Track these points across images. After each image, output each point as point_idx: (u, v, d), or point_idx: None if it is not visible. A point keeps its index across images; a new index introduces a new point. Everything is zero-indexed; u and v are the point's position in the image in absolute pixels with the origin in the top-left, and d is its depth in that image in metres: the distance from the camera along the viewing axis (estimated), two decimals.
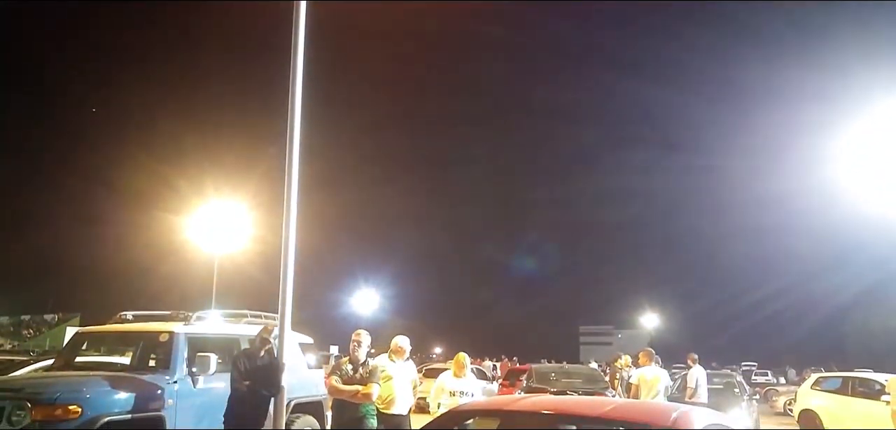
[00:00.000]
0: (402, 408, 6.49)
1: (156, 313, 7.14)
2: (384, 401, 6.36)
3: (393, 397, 6.43)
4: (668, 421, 2.94)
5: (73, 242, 35.03)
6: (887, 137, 17.31)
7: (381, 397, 6.30)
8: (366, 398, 5.81)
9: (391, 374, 6.45)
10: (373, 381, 5.88)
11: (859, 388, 13.20)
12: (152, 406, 5.86)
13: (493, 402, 3.44)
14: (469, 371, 7.10)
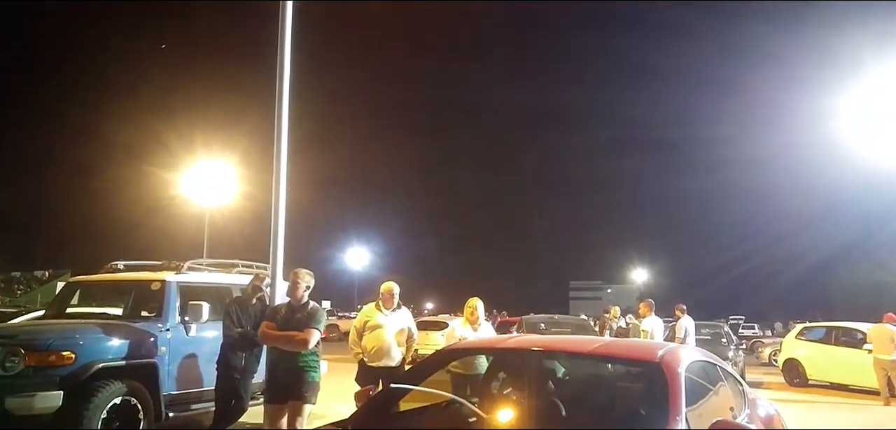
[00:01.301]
0: (390, 360, 5.83)
1: (147, 263, 7.14)
2: (370, 353, 5.83)
3: (380, 347, 5.81)
4: (656, 356, 2.98)
5: (61, 196, 34.78)
6: (874, 95, 17.35)
7: (367, 348, 5.84)
8: (302, 345, 4.82)
9: (380, 322, 5.90)
10: (313, 325, 4.88)
11: (842, 337, 13.49)
12: (145, 353, 5.89)
13: (484, 341, 3.49)
14: (483, 319, 6.22)
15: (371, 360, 5.85)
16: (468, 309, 6.13)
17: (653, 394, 2.90)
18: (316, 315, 4.95)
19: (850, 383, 12.90)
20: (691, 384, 2.90)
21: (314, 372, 4.90)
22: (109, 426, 5.48)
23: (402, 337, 6.01)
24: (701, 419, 2.72)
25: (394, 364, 5.83)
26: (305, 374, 4.83)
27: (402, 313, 6.14)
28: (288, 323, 4.90)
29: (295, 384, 4.77)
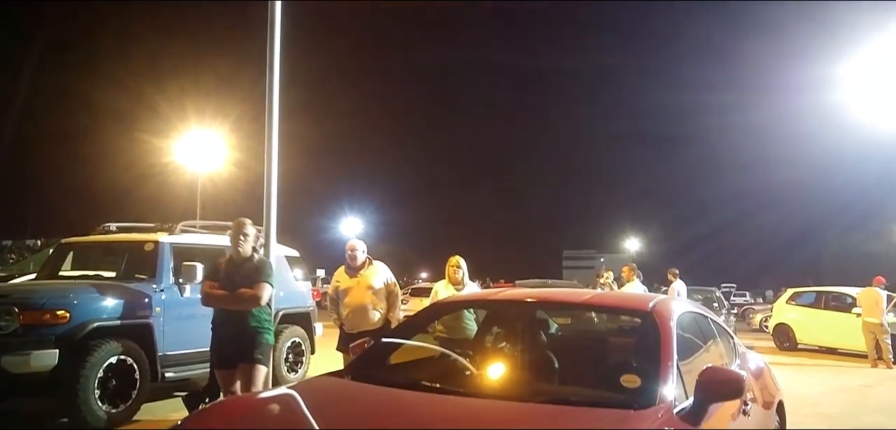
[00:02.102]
0: (368, 323, 5.29)
1: (140, 225, 7.13)
2: (346, 319, 5.46)
3: (353, 310, 5.39)
4: (647, 306, 3.01)
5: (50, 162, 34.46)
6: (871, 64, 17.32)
7: (342, 314, 5.50)
8: (253, 302, 4.29)
9: (349, 284, 5.47)
10: (262, 279, 4.34)
11: (832, 302, 13.66)
12: (140, 314, 5.90)
13: (477, 294, 3.51)
14: (468, 279, 5.72)
15: (348, 326, 5.44)
16: (450, 268, 5.65)
17: (644, 344, 2.93)
18: (264, 268, 4.42)
19: (839, 346, 13.10)
20: (683, 335, 2.92)
21: (267, 333, 4.44)
22: (106, 386, 5.51)
23: (379, 296, 5.45)
24: (692, 368, 2.75)
25: (373, 328, 5.23)
26: (258, 335, 4.37)
27: (374, 269, 5.57)
28: (232, 280, 4.36)
29: (246, 347, 4.32)
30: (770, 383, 3.98)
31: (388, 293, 5.53)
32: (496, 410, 2.54)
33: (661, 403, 2.40)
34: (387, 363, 3.19)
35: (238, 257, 4.44)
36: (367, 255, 5.62)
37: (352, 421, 2.41)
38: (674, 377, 2.55)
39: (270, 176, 5.84)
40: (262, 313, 4.43)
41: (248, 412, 2.47)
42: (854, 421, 6.66)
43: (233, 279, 4.38)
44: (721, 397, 2.57)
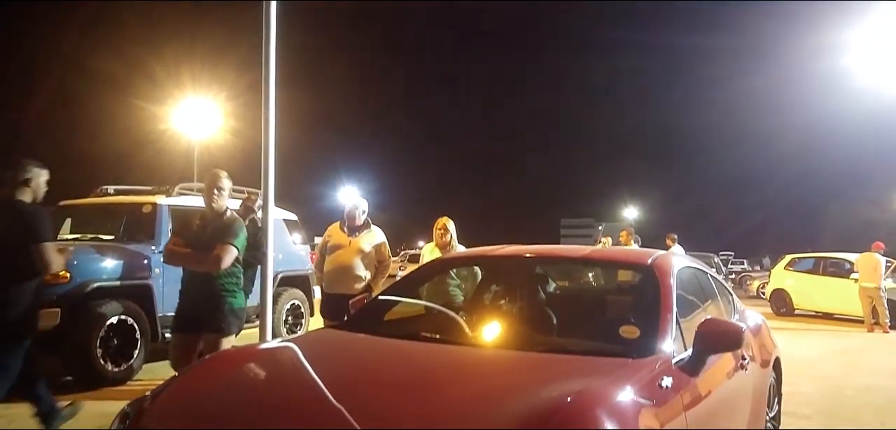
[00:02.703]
0: (350, 287, 4.94)
1: (137, 188, 7.11)
2: (328, 278, 5.13)
3: (337, 271, 5.06)
4: (647, 261, 3.01)
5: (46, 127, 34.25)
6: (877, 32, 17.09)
7: (325, 272, 5.15)
8: (213, 264, 3.86)
9: (342, 242, 5.15)
10: (228, 240, 3.90)
11: (830, 267, 13.71)
12: (139, 275, 5.92)
13: (474, 251, 3.51)
14: (457, 242, 5.36)
15: (329, 286, 5.12)
16: (437, 230, 5.33)
17: (643, 298, 2.93)
18: (232, 227, 3.97)
19: (836, 311, 13.19)
20: (682, 290, 2.93)
21: (234, 297, 4.03)
22: (108, 345, 5.56)
23: (368, 262, 5.13)
24: (691, 322, 2.75)
25: (353, 292, 4.74)
26: (223, 301, 3.95)
27: (371, 234, 5.26)
28: (198, 239, 3.98)
29: (210, 313, 3.93)
30: (768, 340, 4.00)
31: (379, 262, 5.22)
32: (495, 357, 2.55)
33: (659, 353, 2.41)
34: (384, 318, 3.20)
35: (211, 213, 4.04)
36: (368, 218, 5.36)
37: (352, 369, 2.43)
38: (672, 329, 2.55)
39: (268, 140, 5.78)
40: (227, 277, 3.98)
41: (248, 362, 2.47)
42: (848, 382, 6.73)
43: (200, 238, 3.98)
44: (720, 348, 2.58)
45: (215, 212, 4.03)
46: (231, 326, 4.00)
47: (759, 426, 3.52)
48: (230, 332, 4.01)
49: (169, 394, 2.20)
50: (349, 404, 1.94)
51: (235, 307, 4.04)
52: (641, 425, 1.94)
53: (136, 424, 2.00)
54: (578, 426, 1.79)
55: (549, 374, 2.19)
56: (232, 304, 4.01)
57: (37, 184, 3.89)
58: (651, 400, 2.11)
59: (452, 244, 5.27)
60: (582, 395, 1.93)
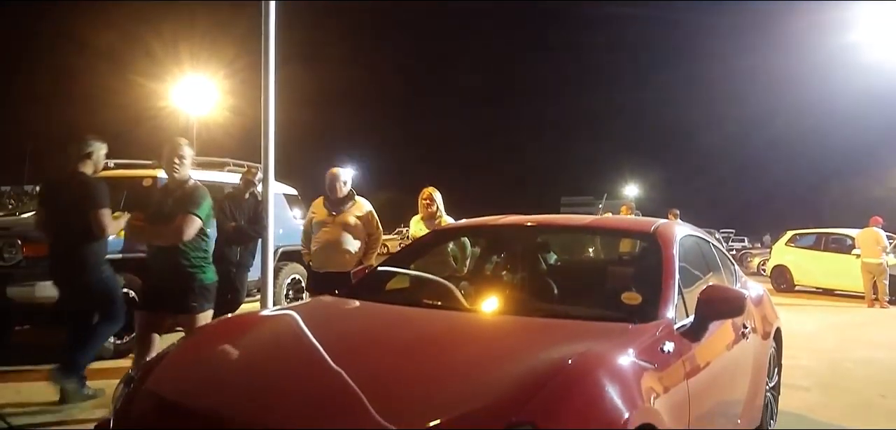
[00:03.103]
0: (339, 264, 4.64)
1: (137, 162, 7.08)
2: (315, 255, 4.87)
3: (323, 248, 4.78)
4: (650, 228, 2.99)
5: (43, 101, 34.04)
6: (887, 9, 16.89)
7: (312, 250, 4.91)
8: (173, 236, 3.59)
9: (325, 218, 4.85)
10: (190, 210, 3.61)
11: (831, 243, 13.72)
12: (140, 248, 5.89)
13: (476, 220, 3.49)
14: (444, 212, 5.17)
15: (317, 264, 4.86)
16: (422, 200, 5.09)
17: (646, 265, 2.92)
18: (194, 197, 3.66)
19: (837, 287, 13.23)
20: (685, 257, 2.92)
21: (202, 273, 3.73)
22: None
23: (357, 236, 4.83)
24: (693, 290, 2.74)
25: (343, 270, 4.46)
26: (191, 278, 3.67)
27: (357, 206, 4.94)
28: (160, 211, 3.72)
29: (179, 292, 3.66)
30: (769, 310, 4.00)
31: (368, 234, 4.90)
32: (496, 322, 2.55)
33: (661, 319, 2.40)
34: (385, 288, 3.20)
35: (172, 183, 3.74)
36: (352, 189, 5.04)
37: (353, 333, 2.43)
38: (675, 295, 2.54)
39: (267, 117, 5.73)
40: (195, 251, 3.69)
41: (250, 328, 2.48)
42: (847, 355, 6.76)
43: (162, 210, 3.71)
44: (722, 314, 2.57)
45: (177, 181, 3.73)
46: (202, 303, 3.73)
47: (759, 395, 3.53)
48: (202, 310, 3.72)
49: (172, 357, 2.20)
50: (350, 366, 1.94)
51: (206, 283, 3.74)
52: (643, 387, 1.94)
53: (140, 386, 2.01)
54: (579, 387, 1.79)
55: (550, 338, 2.18)
56: (202, 280, 3.72)
57: (97, 157, 4.44)
58: (652, 364, 2.10)
59: (439, 215, 5.09)
60: (583, 357, 1.92)
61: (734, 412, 3.09)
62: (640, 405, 1.88)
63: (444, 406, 1.66)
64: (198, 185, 3.80)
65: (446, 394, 1.74)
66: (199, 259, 3.74)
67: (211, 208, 3.80)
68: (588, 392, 1.78)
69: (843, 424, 4.15)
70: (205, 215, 3.70)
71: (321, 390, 1.85)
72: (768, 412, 3.77)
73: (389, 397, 1.74)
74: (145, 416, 1.90)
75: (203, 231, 3.73)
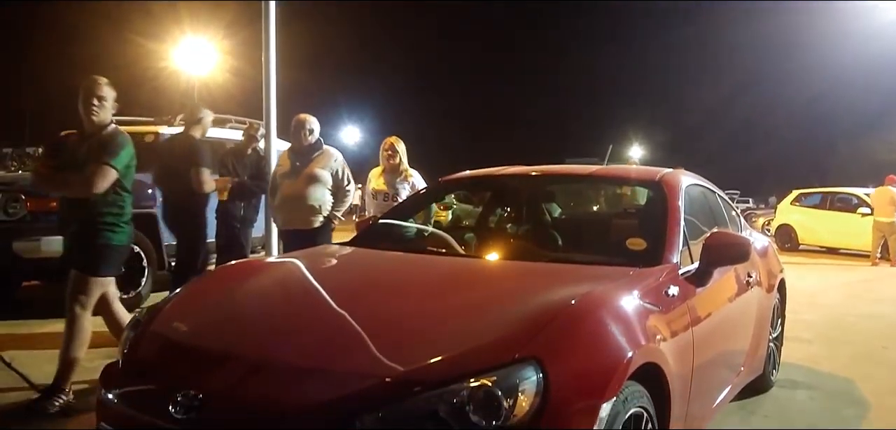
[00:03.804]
0: (299, 219, 4.36)
1: (138, 119, 7.04)
2: (277, 210, 4.56)
3: (286, 203, 4.44)
4: (656, 176, 2.96)
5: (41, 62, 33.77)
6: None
7: (275, 205, 4.55)
8: (82, 188, 3.17)
9: (289, 169, 4.47)
10: (104, 159, 3.14)
11: (837, 202, 13.64)
12: (144, 203, 5.91)
13: (480, 172, 3.47)
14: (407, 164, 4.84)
15: (281, 221, 4.54)
16: (383, 151, 4.75)
17: (651, 213, 2.90)
18: (110, 145, 3.20)
19: (842, 246, 13.20)
20: (690, 206, 2.89)
21: (112, 232, 3.27)
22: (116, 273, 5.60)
23: (324, 190, 4.40)
24: (699, 239, 2.72)
25: (312, 227, 4.32)
26: (96, 234, 3.22)
27: (325, 156, 4.50)
28: (73, 159, 3.29)
29: (80, 249, 3.26)
30: (774, 262, 3.99)
31: (336, 189, 4.49)
32: (500, 266, 2.55)
33: (666, 263, 2.39)
34: (389, 237, 3.19)
35: (90, 127, 3.28)
36: (320, 139, 4.61)
37: (357, 278, 2.43)
38: (680, 241, 2.53)
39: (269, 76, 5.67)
40: (104, 207, 3.24)
41: (255, 273, 2.48)
42: (850, 310, 6.77)
43: (75, 157, 3.27)
44: (727, 260, 2.56)
45: (95, 126, 3.25)
46: (100, 265, 3.26)
47: (762, 345, 3.54)
48: (99, 273, 3.27)
49: (178, 300, 2.21)
50: (353, 308, 1.95)
51: (113, 243, 3.26)
52: (646, 327, 1.94)
53: (147, 328, 2.02)
54: (583, 324, 1.79)
55: (554, 280, 2.18)
56: (109, 239, 3.24)
57: (205, 123, 4.95)
58: (657, 306, 2.10)
59: (402, 166, 4.78)
60: (587, 296, 1.92)
61: (737, 360, 3.11)
62: (644, 343, 1.88)
63: (448, 344, 1.66)
64: (118, 131, 3.32)
65: (450, 333, 1.74)
66: (112, 217, 3.27)
67: (132, 159, 3.31)
68: (592, 329, 1.78)
69: (844, 374, 4.17)
70: (122, 165, 3.21)
71: (325, 328, 1.86)
72: (771, 361, 3.79)
73: (392, 335, 1.75)
74: (152, 356, 1.92)
75: (121, 185, 3.26)
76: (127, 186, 3.34)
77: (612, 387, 1.67)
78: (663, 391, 2.00)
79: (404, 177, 4.83)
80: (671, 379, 2.01)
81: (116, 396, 1.81)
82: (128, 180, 3.33)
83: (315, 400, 1.52)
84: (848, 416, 3.39)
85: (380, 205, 4.74)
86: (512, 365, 1.54)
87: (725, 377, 2.92)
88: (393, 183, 4.81)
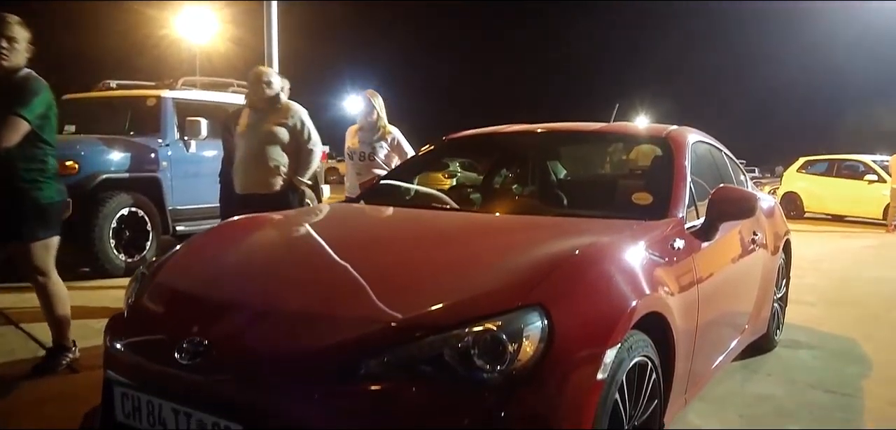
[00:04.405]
0: (257, 182, 3.93)
1: (140, 83, 7.01)
2: (235, 176, 4.07)
3: (241, 163, 4.01)
4: (663, 132, 2.93)
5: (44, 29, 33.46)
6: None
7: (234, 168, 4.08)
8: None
9: (245, 126, 4.07)
10: (15, 108, 2.82)
11: (845, 169, 13.54)
12: (147, 167, 5.93)
13: (485, 130, 3.44)
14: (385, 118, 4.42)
15: (237, 184, 4.05)
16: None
17: (657, 169, 2.88)
18: (21, 93, 2.86)
19: (849, 214, 13.14)
20: (697, 164, 2.87)
21: (39, 190, 2.97)
22: (121, 236, 5.64)
23: (284, 149, 3.95)
24: (705, 197, 2.70)
25: (273, 191, 3.91)
26: (24, 197, 2.92)
27: (286, 111, 4.03)
28: None
29: (9, 214, 2.94)
30: (780, 222, 3.97)
31: (298, 150, 4.00)
32: (505, 220, 2.54)
33: (672, 217, 2.37)
34: (393, 196, 3.17)
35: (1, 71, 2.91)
36: (280, 92, 4.15)
37: (361, 231, 2.43)
38: (686, 196, 2.51)
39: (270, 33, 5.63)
40: (26, 162, 2.91)
41: (260, 227, 2.47)
42: (855, 275, 6.76)
43: None
44: (733, 214, 2.54)
45: (5, 71, 2.90)
46: (39, 229, 3.00)
47: (767, 305, 3.54)
48: (38, 237, 3.01)
49: (182, 253, 2.21)
50: (358, 258, 1.94)
51: (43, 203, 2.98)
52: (651, 277, 1.94)
53: (152, 280, 2.02)
54: (588, 272, 1.78)
55: (559, 232, 2.16)
56: (38, 199, 2.96)
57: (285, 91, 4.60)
58: (662, 257, 2.09)
59: (380, 123, 4.40)
60: (591, 246, 1.91)
61: (741, 320, 3.11)
62: (649, 293, 1.87)
63: (452, 292, 1.65)
64: (31, 76, 2.95)
65: (454, 281, 1.73)
66: (34, 173, 2.94)
67: (49, 108, 2.95)
68: (597, 277, 1.78)
69: (848, 335, 4.18)
70: (35, 116, 2.86)
71: (330, 277, 1.86)
72: (775, 321, 3.79)
73: (396, 283, 1.74)
74: (157, 306, 1.92)
75: (38, 137, 2.91)
76: (47, 139, 2.96)
77: (617, 334, 1.66)
78: (668, 343, 2.00)
79: (382, 134, 4.41)
80: (676, 331, 2.01)
81: (123, 345, 1.82)
82: (47, 132, 2.96)
83: (320, 344, 1.52)
84: (851, 374, 3.40)
85: (356, 165, 4.45)
86: (517, 311, 1.53)
87: (729, 336, 2.93)
88: (369, 141, 4.42)
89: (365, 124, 4.45)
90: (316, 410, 1.43)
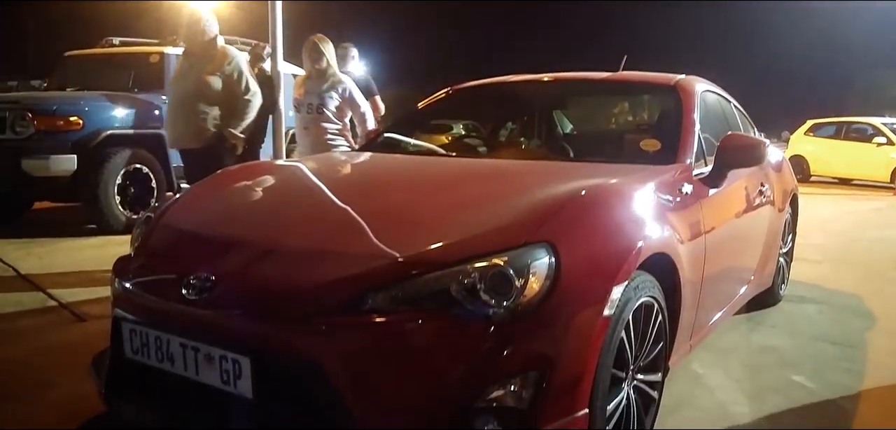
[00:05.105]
0: (187, 135, 3.76)
1: (143, 40, 6.94)
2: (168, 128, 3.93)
3: (174, 114, 3.82)
4: (672, 81, 2.89)
5: None
6: None
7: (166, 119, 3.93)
8: None
9: (178, 75, 3.84)
10: None
11: (852, 132, 13.40)
12: (151, 124, 5.90)
13: (492, 80, 3.39)
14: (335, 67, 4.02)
15: (170, 135, 3.89)
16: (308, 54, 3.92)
17: (666, 116, 2.85)
18: None
19: (856, 177, 13.04)
20: (706, 114, 2.83)
21: None
22: (125, 193, 5.66)
23: (218, 98, 3.71)
24: (713, 146, 2.67)
25: (198, 145, 3.72)
26: None
27: (222, 58, 3.78)
28: None
29: None
30: (788, 176, 3.94)
31: (232, 99, 3.77)
32: (511, 165, 2.52)
33: (680, 162, 2.35)
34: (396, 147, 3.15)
35: None
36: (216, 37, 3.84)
37: (362, 177, 2.42)
38: (694, 143, 2.48)
39: None
40: None
41: (261, 173, 2.47)
42: (861, 235, 6.73)
43: None
44: (742, 162, 2.51)
45: None
46: None
47: (773, 259, 3.53)
48: None
49: (187, 197, 2.22)
50: (365, 199, 1.93)
51: None
52: (659, 218, 1.92)
53: (157, 222, 2.03)
54: (595, 211, 1.77)
55: (566, 175, 2.15)
56: None
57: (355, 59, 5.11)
58: (670, 200, 2.07)
59: (330, 71, 3.97)
60: (599, 186, 1.89)
61: (746, 273, 3.10)
62: (656, 234, 1.86)
63: (460, 229, 1.64)
64: None
65: (462, 219, 1.72)
66: None
67: None
68: (604, 216, 1.77)
69: (853, 291, 4.17)
70: None
71: (336, 217, 1.86)
72: (780, 275, 3.79)
73: (404, 221, 1.74)
74: (164, 245, 1.93)
75: None
76: None
77: (624, 272, 1.66)
78: (675, 286, 2.00)
79: (332, 83, 3.95)
80: (682, 272, 2.00)
81: (130, 283, 1.83)
82: None
83: (327, 278, 1.52)
84: (855, 327, 3.40)
85: (303, 117, 3.99)
86: (524, 247, 1.52)
87: (734, 288, 2.92)
88: (317, 91, 3.94)
89: (312, 73, 3.96)
90: (322, 341, 1.44)
